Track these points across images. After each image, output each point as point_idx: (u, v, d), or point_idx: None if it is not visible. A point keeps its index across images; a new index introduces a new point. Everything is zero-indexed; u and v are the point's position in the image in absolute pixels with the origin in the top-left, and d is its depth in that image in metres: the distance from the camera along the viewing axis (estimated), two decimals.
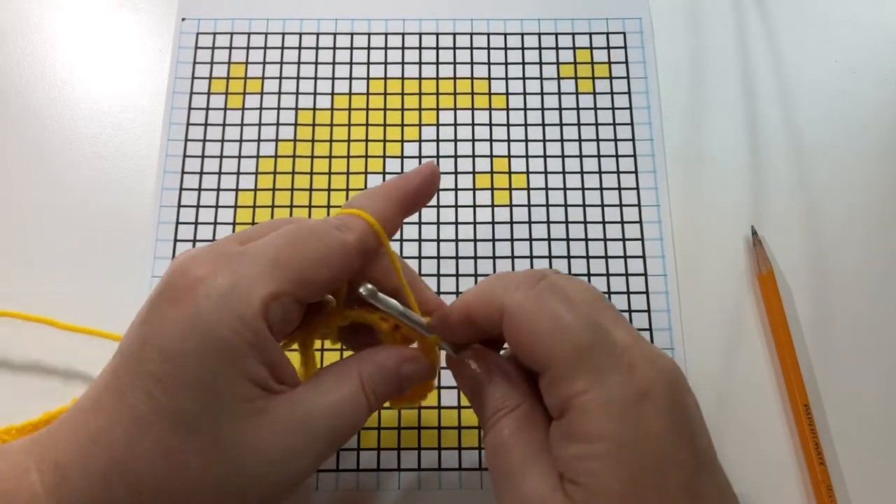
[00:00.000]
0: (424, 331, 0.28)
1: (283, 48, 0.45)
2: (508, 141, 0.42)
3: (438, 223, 0.41)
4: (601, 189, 0.41)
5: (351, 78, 0.44)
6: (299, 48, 0.45)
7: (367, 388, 0.27)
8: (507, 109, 0.43)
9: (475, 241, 0.40)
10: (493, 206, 0.41)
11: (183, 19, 0.45)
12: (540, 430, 0.25)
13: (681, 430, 0.23)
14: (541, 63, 0.44)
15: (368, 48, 0.45)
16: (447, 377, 0.37)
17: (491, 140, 0.42)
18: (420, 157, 0.42)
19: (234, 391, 0.24)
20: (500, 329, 0.25)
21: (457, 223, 0.41)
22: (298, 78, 0.44)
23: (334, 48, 0.45)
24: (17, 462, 0.24)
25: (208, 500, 0.24)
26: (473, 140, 0.42)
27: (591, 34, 0.45)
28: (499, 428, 0.26)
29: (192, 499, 0.23)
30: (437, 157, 0.42)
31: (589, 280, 0.39)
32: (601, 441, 0.23)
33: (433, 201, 0.41)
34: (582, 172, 0.42)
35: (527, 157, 0.42)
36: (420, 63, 0.44)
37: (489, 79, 0.44)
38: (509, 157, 0.42)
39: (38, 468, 0.23)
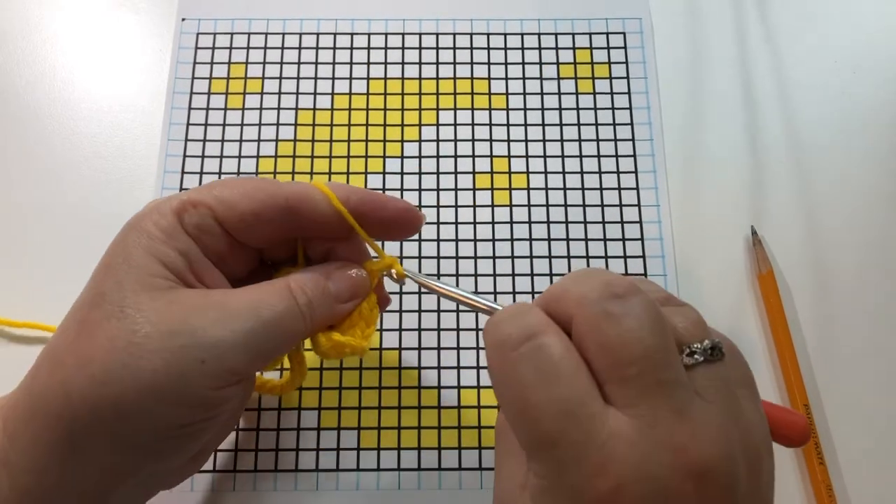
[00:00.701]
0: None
1: (283, 48, 0.45)
2: (508, 141, 0.42)
3: (438, 223, 0.41)
4: (601, 189, 0.41)
5: (351, 78, 0.44)
6: (299, 48, 0.45)
7: (294, 287, 0.27)
8: (507, 109, 0.43)
9: (475, 241, 0.40)
10: (493, 206, 0.41)
11: (183, 19, 0.45)
12: None
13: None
14: (541, 63, 0.44)
15: (368, 48, 0.45)
16: (447, 377, 0.37)
17: (491, 140, 0.42)
18: (420, 156, 0.42)
19: (144, 267, 0.26)
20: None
21: (457, 223, 0.41)
22: (298, 78, 0.44)
23: (334, 48, 0.45)
24: None
25: (107, 358, 0.24)
26: (473, 140, 0.42)
27: (590, 34, 0.45)
28: (500, 414, 0.26)
29: (93, 358, 0.24)
30: (437, 156, 0.42)
31: None
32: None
33: (433, 201, 0.41)
34: (582, 172, 0.42)
35: (527, 157, 0.42)
36: (420, 63, 0.44)
37: (489, 79, 0.44)
38: (509, 157, 0.42)
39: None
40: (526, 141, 0.42)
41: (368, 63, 0.44)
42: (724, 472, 0.21)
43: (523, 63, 0.44)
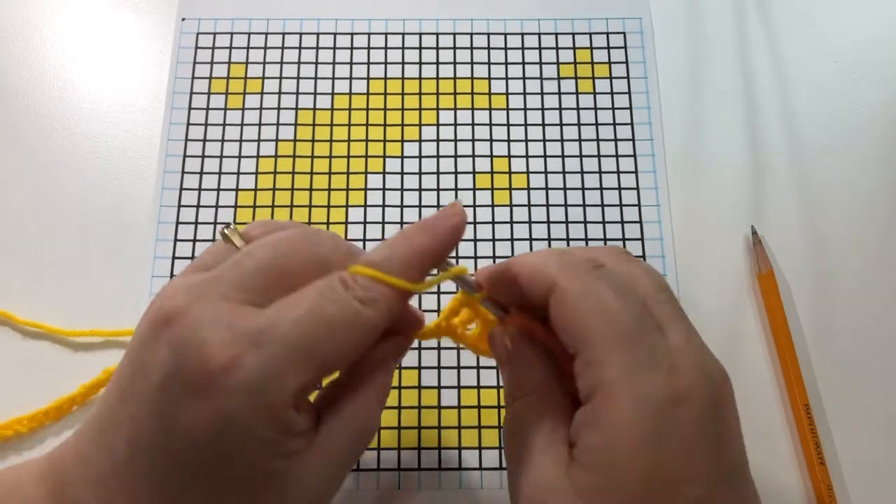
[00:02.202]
0: (471, 289, 0.28)
1: (283, 48, 0.45)
2: (508, 141, 0.42)
3: None
4: (601, 189, 0.41)
5: (351, 78, 0.44)
6: (299, 48, 0.45)
7: (379, 396, 0.27)
8: (507, 109, 0.43)
9: (475, 241, 0.40)
10: (493, 205, 0.41)
11: (183, 19, 0.45)
12: (550, 420, 0.25)
13: (709, 442, 0.23)
14: (541, 63, 0.44)
15: (368, 48, 0.45)
16: (447, 377, 0.37)
17: (491, 140, 0.42)
18: (420, 156, 0.42)
19: (269, 473, 0.23)
20: (545, 302, 0.25)
21: None
22: (298, 78, 0.44)
23: (334, 48, 0.45)
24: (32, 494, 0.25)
25: None
26: (473, 140, 0.42)
27: (591, 34, 0.45)
28: (511, 412, 0.26)
29: None
30: (437, 156, 0.42)
31: None
32: (625, 435, 0.22)
33: (433, 201, 0.41)
34: (582, 172, 0.42)
35: (527, 156, 0.42)
36: (420, 63, 0.44)
37: (489, 79, 0.44)
38: (509, 156, 0.42)
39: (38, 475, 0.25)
40: (526, 141, 0.42)
41: (368, 63, 0.44)
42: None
43: (523, 63, 0.44)
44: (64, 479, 0.24)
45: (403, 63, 0.44)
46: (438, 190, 0.41)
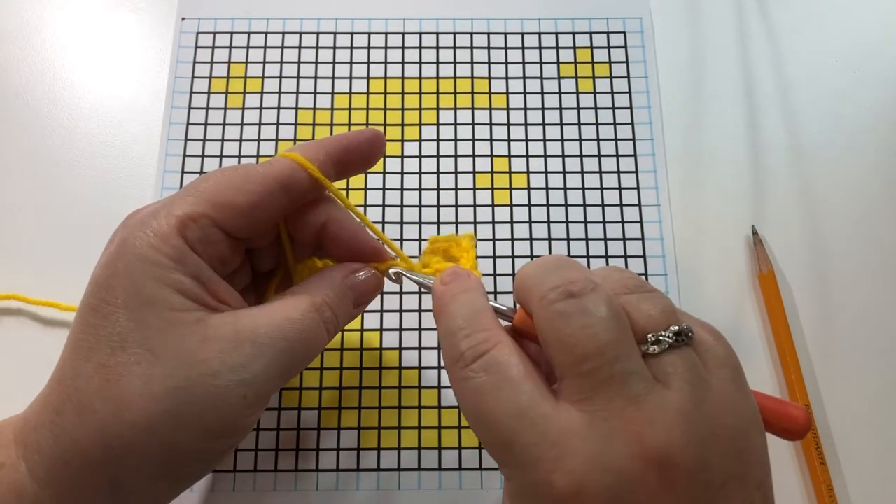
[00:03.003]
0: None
1: (283, 48, 0.45)
2: (509, 140, 0.42)
3: (438, 223, 0.40)
4: (601, 189, 0.41)
5: (351, 77, 0.44)
6: (299, 48, 0.45)
7: (317, 302, 0.27)
8: (508, 109, 0.43)
9: (475, 240, 0.40)
10: (493, 205, 0.41)
11: (183, 19, 0.45)
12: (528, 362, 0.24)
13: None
14: (541, 63, 0.44)
15: (368, 48, 0.45)
16: (447, 377, 0.37)
17: (491, 140, 0.42)
18: (420, 156, 0.42)
19: (163, 301, 0.25)
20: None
21: (457, 223, 0.41)
22: (298, 77, 0.44)
23: (334, 48, 0.45)
24: (1, 430, 0.26)
25: (150, 406, 0.24)
26: (474, 140, 0.42)
27: (591, 34, 0.45)
28: (499, 348, 0.25)
29: (132, 406, 0.24)
30: (438, 156, 0.42)
31: None
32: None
33: (433, 201, 0.41)
34: (582, 172, 0.42)
35: (527, 156, 0.42)
36: (420, 63, 0.44)
37: (489, 78, 0.44)
38: (510, 156, 0.42)
39: (13, 428, 0.26)
40: (526, 140, 0.42)
41: (368, 63, 0.44)
42: (687, 457, 0.21)
43: (524, 62, 0.44)
44: (26, 417, 0.26)
45: (403, 63, 0.44)
46: (438, 190, 0.41)
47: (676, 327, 0.23)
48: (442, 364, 0.37)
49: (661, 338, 0.23)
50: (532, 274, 0.25)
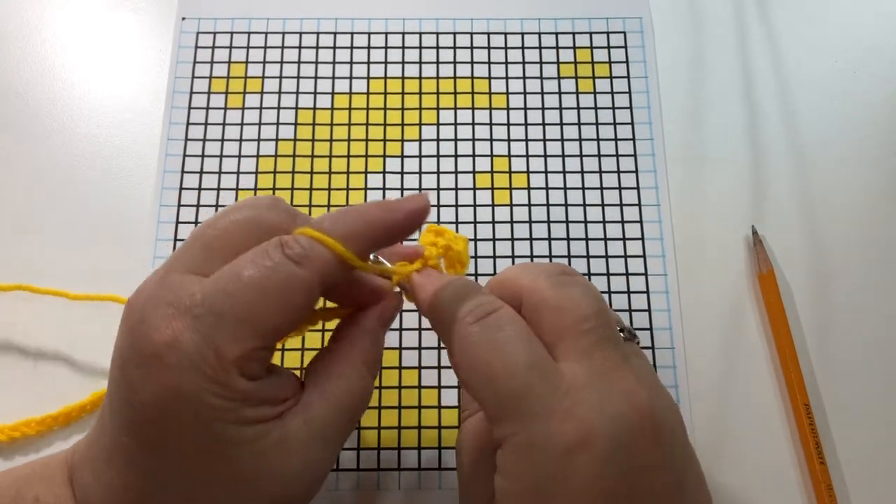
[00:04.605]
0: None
1: (283, 48, 0.45)
2: (509, 140, 0.42)
3: (438, 223, 0.40)
4: (601, 189, 0.41)
5: (351, 77, 0.44)
6: (299, 48, 0.45)
7: (367, 363, 0.27)
8: (508, 109, 0.43)
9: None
10: (493, 205, 0.41)
11: (183, 19, 0.45)
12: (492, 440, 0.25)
13: (619, 485, 0.22)
14: (541, 62, 0.44)
15: (368, 48, 0.45)
16: (447, 376, 0.37)
17: (491, 140, 0.42)
18: (420, 156, 0.42)
19: (241, 439, 0.24)
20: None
21: (457, 223, 0.41)
22: (298, 77, 0.44)
23: (334, 48, 0.45)
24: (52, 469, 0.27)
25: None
26: (473, 140, 0.42)
27: (591, 34, 0.45)
28: (463, 429, 0.27)
29: None
30: (437, 156, 0.42)
31: (589, 279, 0.39)
32: (519, 483, 0.23)
33: (433, 201, 0.41)
34: (582, 172, 0.42)
35: (527, 156, 0.42)
36: (420, 63, 0.44)
37: (489, 78, 0.44)
38: (509, 156, 0.42)
39: (66, 463, 0.26)
40: (526, 140, 0.42)
41: (368, 63, 0.44)
42: (664, 417, 0.23)
43: (523, 62, 0.44)
44: (74, 462, 0.26)
45: (403, 63, 0.44)
46: (438, 190, 0.41)
47: (627, 326, 0.26)
48: (442, 364, 0.37)
49: (620, 327, 0.26)
50: (511, 270, 0.27)
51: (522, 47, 0.45)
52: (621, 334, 0.25)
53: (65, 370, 0.37)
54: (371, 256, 0.28)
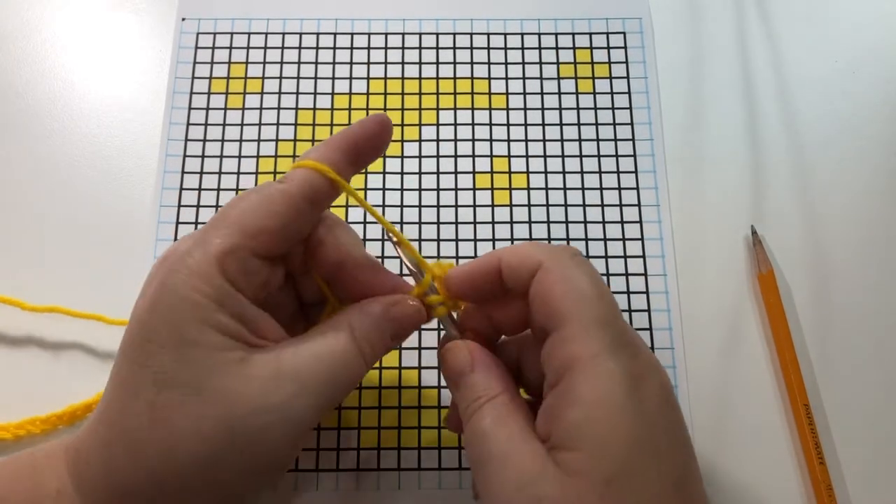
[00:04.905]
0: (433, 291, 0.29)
1: (283, 48, 0.45)
2: (508, 141, 0.42)
3: (438, 223, 0.41)
4: (601, 189, 0.41)
5: (351, 78, 0.44)
6: (299, 48, 0.45)
7: (358, 336, 0.27)
8: (507, 109, 0.43)
9: (475, 241, 0.40)
10: (493, 205, 0.41)
11: (183, 19, 0.45)
12: (520, 418, 0.26)
13: (672, 420, 0.25)
14: (541, 63, 0.44)
15: (368, 48, 0.45)
16: None
17: (491, 140, 0.42)
18: (420, 156, 0.42)
19: (206, 342, 0.25)
20: (525, 286, 0.27)
21: (457, 223, 0.41)
22: (298, 78, 0.44)
23: (334, 48, 0.45)
24: (53, 453, 0.27)
25: (198, 447, 0.24)
26: (473, 140, 0.42)
27: (590, 34, 0.45)
28: (480, 415, 0.26)
29: (180, 447, 0.24)
30: (437, 156, 0.42)
31: None
32: (605, 407, 0.23)
33: (433, 201, 0.41)
34: (582, 172, 0.42)
35: (527, 156, 0.42)
36: (420, 63, 0.44)
37: (489, 79, 0.44)
38: (509, 156, 0.42)
39: (66, 456, 0.27)
40: (526, 141, 0.42)
41: (368, 63, 0.44)
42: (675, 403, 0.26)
43: (523, 63, 0.44)
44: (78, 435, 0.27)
45: (403, 63, 0.44)
46: (438, 190, 0.41)
47: None
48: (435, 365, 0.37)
49: None
50: (526, 245, 0.28)
51: (522, 48, 0.45)
52: None
53: (70, 369, 0.37)
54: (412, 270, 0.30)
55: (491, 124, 0.43)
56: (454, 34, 0.45)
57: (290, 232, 0.27)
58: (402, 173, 0.42)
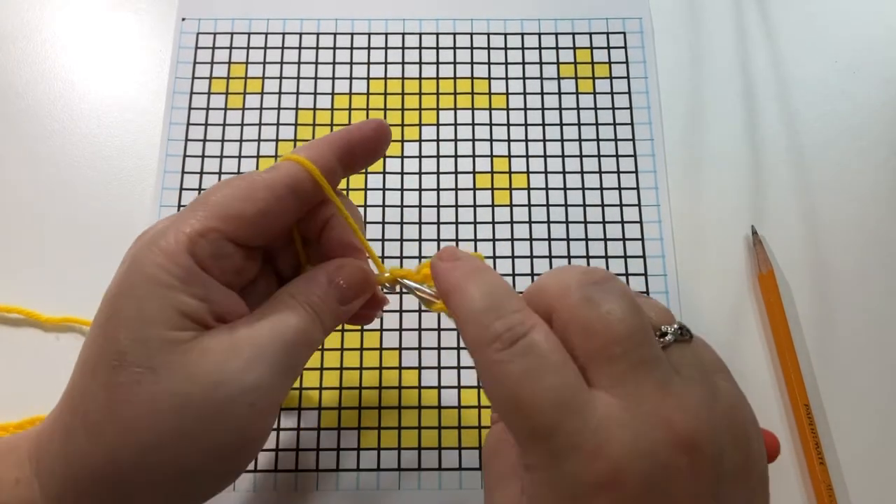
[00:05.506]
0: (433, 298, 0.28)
1: (283, 48, 0.45)
2: (508, 141, 0.42)
3: (438, 223, 0.41)
4: (601, 189, 0.41)
5: (351, 78, 0.44)
6: (299, 48, 0.45)
7: (305, 303, 0.27)
8: (508, 109, 0.43)
9: (475, 240, 0.40)
10: (493, 206, 0.41)
11: (183, 19, 0.45)
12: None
13: None
14: (541, 63, 0.44)
15: (368, 48, 0.45)
16: (447, 377, 0.37)
17: (491, 140, 0.42)
18: (420, 156, 0.42)
19: (165, 321, 0.24)
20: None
21: (457, 223, 0.41)
22: (298, 78, 0.44)
23: (334, 48, 0.45)
24: (17, 444, 0.27)
25: (156, 426, 0.24)
26: (473, 140, 0.42)
27: (591, 34, 0.45)
28: (491, 433, 0.26)
29: (138, 426, 0.24)
30: (437, 156, 0.42)
31: None
32: None
33: (433, 201, 0.41)
34: (582, 172, 0.42)
35: (527, 156, 0.42)
36: (420, 63, 0.44)
37: (489, 79, 0.44)
38: (509, 156, 0.42)
39: (27, 444, 0.26)
40: (526, 141, 0.42)
41: (368, 63, 0.44)
42: (710, 442, 0.21)
43: (523, 63, 0.44)
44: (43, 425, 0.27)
45: (403, 63, 0.44)
46: (438, 190, 0.41)
47: (677, 324, 0.24)
48: (442, 364, 0.38)
49: (666, 331, 0.23)
50: (543, 279, 0.25)
51: (522, 48, 0.45)
52: (666, 338, 0.23)
53: (70, 369, 0.37)
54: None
55: (491, 124, 0.43)
56: (454, 34, 0.45)
57: (269, 221, 0.27)
58: (402, 173, 0.42)
